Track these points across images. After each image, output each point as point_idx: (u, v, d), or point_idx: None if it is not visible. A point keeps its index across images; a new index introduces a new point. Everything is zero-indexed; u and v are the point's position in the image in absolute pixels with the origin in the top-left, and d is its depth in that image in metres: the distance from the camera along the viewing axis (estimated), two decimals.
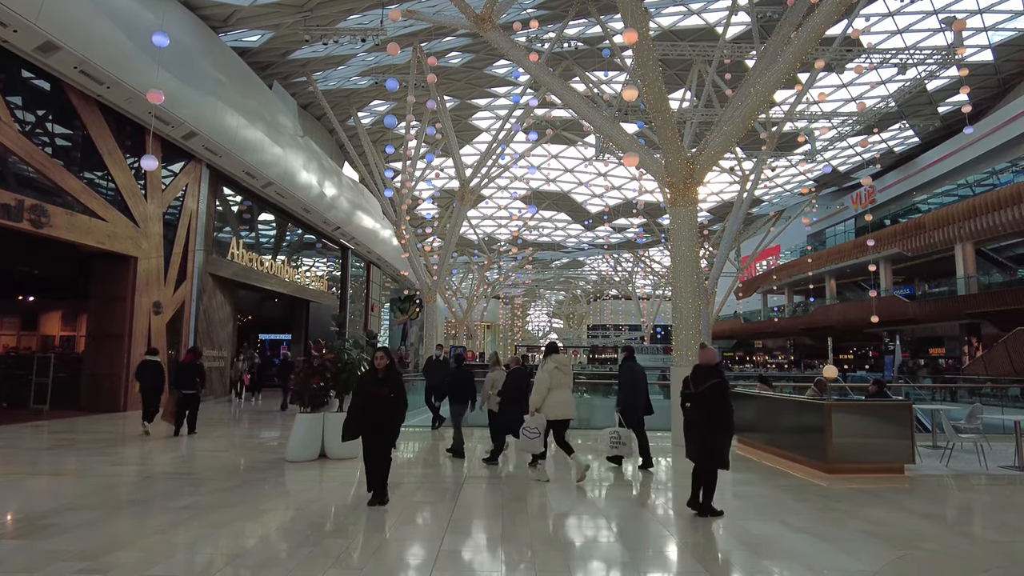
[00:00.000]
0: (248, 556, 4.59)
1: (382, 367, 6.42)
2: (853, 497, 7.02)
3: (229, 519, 5.63)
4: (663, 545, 5.30)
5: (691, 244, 10.99)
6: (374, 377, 6.43)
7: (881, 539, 5.34)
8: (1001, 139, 28.31)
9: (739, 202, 29.20)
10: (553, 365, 7.98)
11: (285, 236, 26.87)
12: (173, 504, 6.13)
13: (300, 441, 8.64)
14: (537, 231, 51.00)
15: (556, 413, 7.87)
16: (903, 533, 5.56)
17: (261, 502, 6.35)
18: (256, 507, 6.08)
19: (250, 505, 6.17)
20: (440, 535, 5.20)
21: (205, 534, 5.14)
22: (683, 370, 11.01)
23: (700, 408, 6.22)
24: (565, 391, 7.99)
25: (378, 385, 6.32)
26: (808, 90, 25.45)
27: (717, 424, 6.17)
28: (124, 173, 15.56)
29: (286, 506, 6.34)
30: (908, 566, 4.68)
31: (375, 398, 6.27)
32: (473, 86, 29.22)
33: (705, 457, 6.21)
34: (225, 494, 6.65)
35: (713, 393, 6.12)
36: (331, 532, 5.29)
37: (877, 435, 8.10)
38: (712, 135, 10.74)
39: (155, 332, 16.85)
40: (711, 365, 6.33)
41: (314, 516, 5.87)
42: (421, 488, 7.25)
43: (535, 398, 7.89)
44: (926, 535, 5.51)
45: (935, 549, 5.12)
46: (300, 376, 8.66)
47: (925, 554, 4.99)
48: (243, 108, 19.64)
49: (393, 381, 6.39)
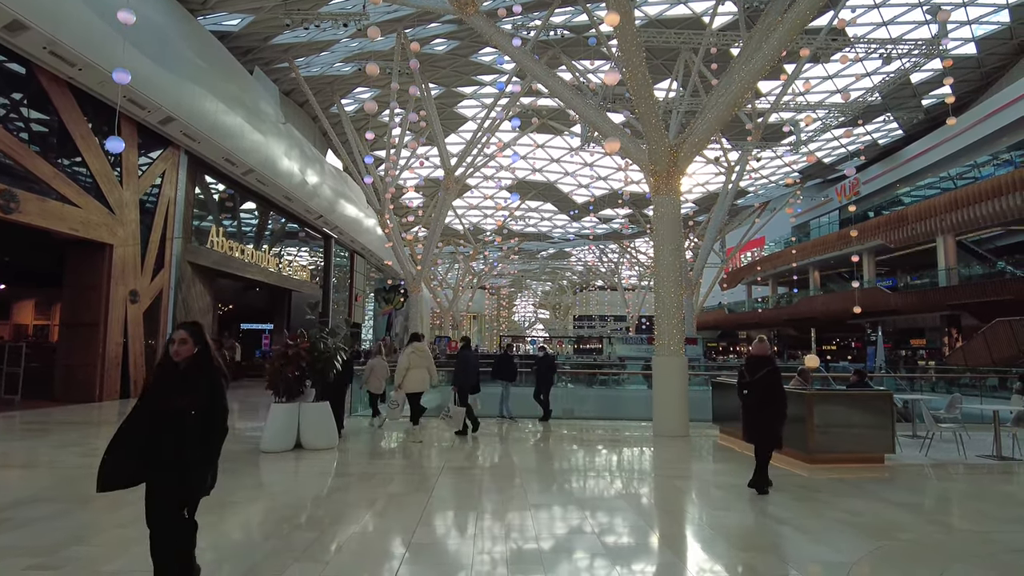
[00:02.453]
0: (210, 551, 4.43)
1: (184, 357, 3.55)
2: (833, 487, 6.99)
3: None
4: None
5: (675, 233, 10.90)
6: (168, 375, 3.58)
7: (859, 529, 5.30)
8: (983, 132, 28.49)
9: (724, 193, 29.25)
10: (411, 350, 10.11)
11: (267, 225, 26.52)
12: (139, 497, 5.93)
13: (275, 431, 8.46)
14: (523, 221, 50.83)
15: (412, 387, 10.09)
16: (881, 523, 5.53)
17: (231, 494, 6.17)
18: (225, 499, 5.90)
19: (218, 497, 5.97)
20: (412, 527, 5.08)
21: None
22: (665, 360, 10.96)
23: (756, 394, 6.78)
24: (421, 371, 10.13)
25: (170, 391, 3.53)
26: (794, 81, 25.50)
27: (773, 408, 6.72)
28: (99, 159, 15.20)
29: (256, 498, 6.17)
30: (885, 557, 4.63)
31: (163, 414, 3.51)
32: (459, 74, 28.92)
33: (763, 439, 6.76)
34: None
35: (768, 379, 6.71)
36: (300, 525, 5.15)
37: (858, 425, 8.07)
38: (696, 122, 10.64)
39: (132, 321, 16.54)
40: (764, 355, 6.96)
41: (284, 508, 5.74)
42: (396, 479, 7.10)
43: (397, 377, 10.07)
44: (903, 525, 5.48)
45: (912, 539, 5.10)
46: (274, 365, 8.48)
47: (902, 544, 4.96)
48: (223, 93, 19.27)
49: (203, 383, 3.56)
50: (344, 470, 7.69)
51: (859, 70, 27.13)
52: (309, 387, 8.76)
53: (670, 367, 10.96)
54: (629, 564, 4.45)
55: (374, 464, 8.15)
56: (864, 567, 4.38)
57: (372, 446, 9.77)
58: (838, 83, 28.69)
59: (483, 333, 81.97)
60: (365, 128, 32.15)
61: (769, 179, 40.89)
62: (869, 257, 35.11)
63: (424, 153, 35.81)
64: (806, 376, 8.40)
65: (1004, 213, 25.27)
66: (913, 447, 9.50)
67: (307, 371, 8.53)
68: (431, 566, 4.30)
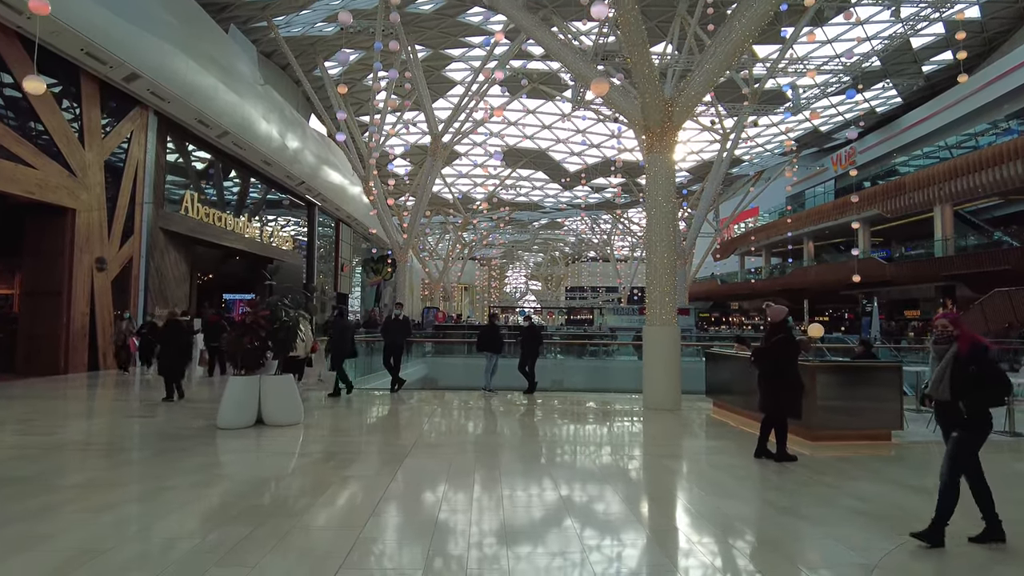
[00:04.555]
0: (116, 552, 3.74)
1: None
2: (839, 468, 6.40)
3: (119, 500, 4.80)
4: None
5: (668, 195, 10.17)
6: None
7: (873, 519, 4.69)
8: (985, 99, 27.68)
9: (719, 161, 28.46)
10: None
11: (248, 192, 25.59)
12: (62, 482, 5.27)
13: (233, 406, 7.77)
14: (514, 190, 49.86)
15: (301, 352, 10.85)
16: (897, 511, 4.92)
17: (168, 477, 5.50)
18: (160, 484, 5.23)
19: (152, 482, 5.33)
20: (364, 519, 4.43)
21: (76, 523, 4.25)
22: (656, 330, 10.33)
23: (767, 361, 6.59)
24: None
25: None
26: (792, 44, 24.58)
27: (785, 376, 6.49)
28: (56, 117, 14.26)
29: (196, 482, 5.45)
30: (911, 556, 4.00)
31: None
32: (446, 35, 27.77)
33: (776, 408, 6.56)
34: (132, 468, 5.84)
35: (779, 347, 6.50)
36: (236, 516, 4.46)
37: (864, 399, 7.47)
38: (694, 73, 9.84)
39: (99, 290, 15.77)
40: (776, 322, 6.72)
41: (225, 495, 5.09)
42: (359, 459, 6.46)
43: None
44: (922, 514, 4.76)
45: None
46: (232, 335, 7.78)
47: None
48: (194, 51, 18.25)
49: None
50: (303, 448, 7.04)
51: (859, 34, 26.22)
52: (271, 358, 8.08)
53: (661, 337, 10.33)
54: (613, 566, 3.83)
55: (338, 441, 7.50)
56: (888, 572, 3.75)
57: (339, 421, 9.15)
58: (837, 48, 27.74)
59: (474, 304, 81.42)
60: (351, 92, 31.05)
61: (764, 148, 40.07)
62: (864, 227, 34.50)
63: (412, 119, 34.72)
64: (806, 346, 7.79)
65: (1005, 182, 24.62)
66: (919, 422, 8.92)
67: (266, 341, 7.82)
68: (375, 573, 3.66)
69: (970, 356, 4.17)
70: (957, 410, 4.18)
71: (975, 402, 4.13)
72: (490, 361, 12.73)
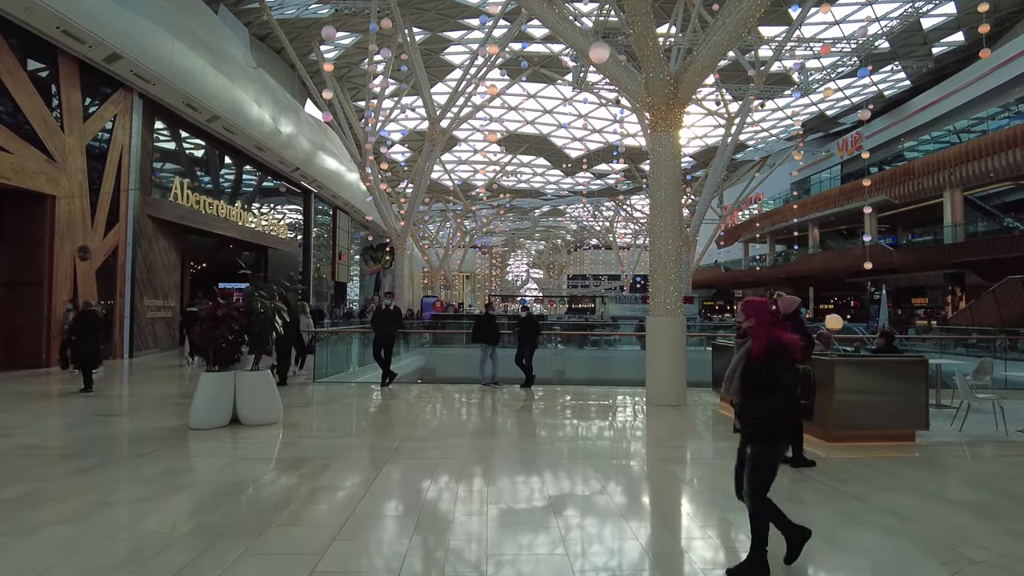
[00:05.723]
0: None
1: None
2: (863, 475, 5.75)
3: (53, 519, 4.22)
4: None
5: (673, 177, 9.54)
6: None
7: (915, 543, 4.04)
8: (995, 82, 26.94)
9: (723, 146, 27.77)
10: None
11: (242, 178, 24.96)
12: None
13: (206, 404, 7.21)
14: (515, 177, 49.12)
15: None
16: (941, 532, 4.23)
17: (118, 489, 4.93)
18: (104, 498, 4.67)
19: (97, 495, 4.75)
20: (327, 543, 3.88)
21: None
22: (661, 320, 9.75)
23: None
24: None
25: None
26: (800, 25, 23.82)
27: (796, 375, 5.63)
28: (32, 99, 13.62)
29: (146, 496, 4.84)
30: None
31: None
32: (444, 16, 27.02)
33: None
34: (81, 477, 5.25)
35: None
36: (179, 538, 3.90)
37: (886, 396, 6.87)
38: (701, 46, 9.18)
39: (83, 280, 15.21)
40: (787, 313, 6.01)
41: (173, 511, 4.50)
42: (335, 465, 5.89)
43: None
44: (974, 536, 4.15)
45: (998, 562, 3.75)
46: (203, 327, 7.20)
47: (981, 570, 3.63)
48: (181, 32, 17.60)
49: None
50: (275, 452, 6.47)
51: (868, 13, 25.42)
52: (247, 353, 7.51)
53: (666, 328, 9.73)
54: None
55: (315, 444, 6.90)
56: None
57: (321, 420, 8.57)
58: (846, 29, 26.92)
59: (476, 293, 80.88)
60: (347, 77, 30.34)
61: (770, 133, 39.29)
62: (871, 213, 33.81)
63: (410, 104, 34.00)
64: (826, 340, 7.18)
65: (1017, 166, 23.90)
66: (941, 419, 8.31)
67: (240, 335, 7.25)
68: None
69: (766, 357, 3.45)
70: (748, 417, 3.48)
71: (756, 411, 3.45)
72: (485, 353, 12.18)
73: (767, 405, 3.41)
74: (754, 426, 3.45)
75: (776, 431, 3.46)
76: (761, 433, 3.46)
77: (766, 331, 3.48)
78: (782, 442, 3.54)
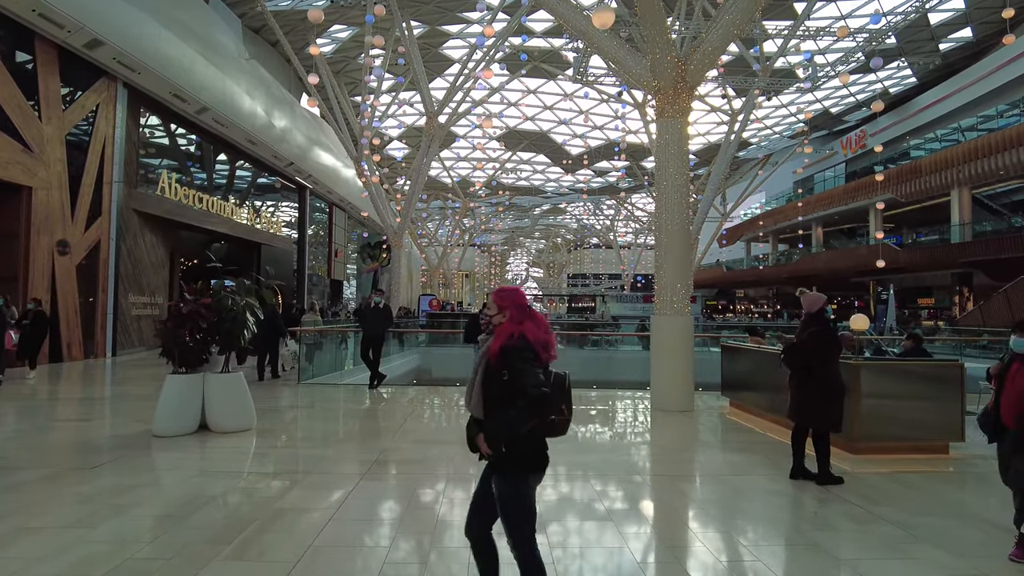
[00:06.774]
0: None
1: None
2: (896, 495, 5.11)
3: None
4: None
5: (680, 166, 8.92)
6: None
7: None
8: (1005, 78, 26.33)
9: (726, 143, 27.17)
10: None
11: (236, 174, 24.34)
12: None
13: (170, 410, 6.59)
14: (514, 174, 48.46)
15: None
16: (1002, 570, 3.60)
17: (48, 511, 4.28)
18: (25, 523, 4.02)
19: (18, 520, 4.07)
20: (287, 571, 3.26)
21: None
22: (667, 320, 9.14)
23: (795, 360, 5.46)
24: None
25: None
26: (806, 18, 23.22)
27: (815, 379, 5.34)
28: (7, 86, 13.01)
29: (79, 520, 4.16)
30: None
31: None
32: (443, 10, 26.37)
33: (804, 416, 5.44)
34: (15, 495, 4.63)
35: (814, 343, 5.34)
36: (112, 570, 3.31)
37: (918, 404, 6.27)
38: (711, 26, 8.57)
39: (62, 275, 14.60)
40: (811, 312, 5.59)
41: (106, 540, 3.84)
42: (306, 481, 5.27)
43: None
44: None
45: None
46: (167, 326, 6.59)
47: None
48: (168, 19, 16.99)
49: None
50: (242, 465, 5.85)
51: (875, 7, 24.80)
52: (216, 353, 6.90)
53: (673, 329, 9.10)
54: None
55: (287, 455, 6.31)
56: None
57: (298, 426, 7.95)
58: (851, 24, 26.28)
59: (475, 292, 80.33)
60: (344, 72, 29.70)
61: (773, 130, 38.68)
62: (876, 212, 33.23)
63: (408, 99, 33.37)
64: (849, 343, 6.59)
65: None
66: (970, 427, 7.66)
67: (207, 334, 6.63)
68: None
69: (501, 357, 2.64)
70: (488, 439, 2.62)
71: (492, 429, 2.61)
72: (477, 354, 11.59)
73: (506, 418, 2.56)
74: (497, 449, 2.61)
75: (520, 453, 2.64)
76: (503, 459, 2.64)
77: (512, 327, 2.69)
78: (531, 470, 2.70)
